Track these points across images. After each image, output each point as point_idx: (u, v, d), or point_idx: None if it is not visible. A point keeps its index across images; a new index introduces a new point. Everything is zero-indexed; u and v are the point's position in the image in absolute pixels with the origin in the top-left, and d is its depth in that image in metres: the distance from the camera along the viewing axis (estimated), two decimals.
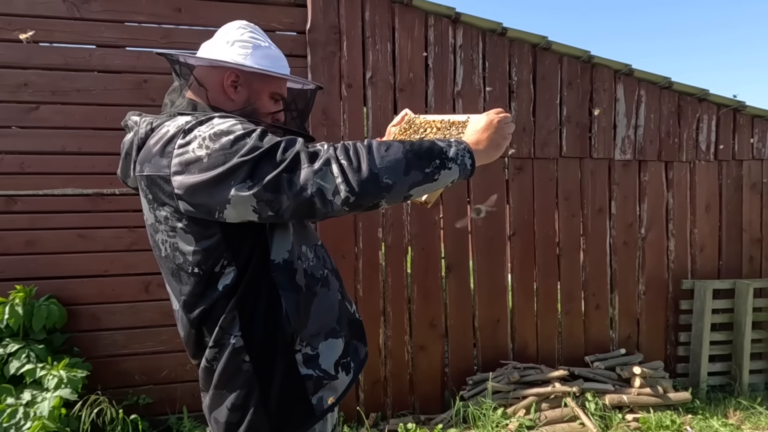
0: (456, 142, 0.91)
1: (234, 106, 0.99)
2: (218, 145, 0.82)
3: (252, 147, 0.81)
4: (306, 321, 0.96)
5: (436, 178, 0.87)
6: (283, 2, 2.55)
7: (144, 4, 2.43)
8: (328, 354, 0.98)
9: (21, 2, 2.31)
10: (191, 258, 0.90)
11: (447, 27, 2.72)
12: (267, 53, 1.01)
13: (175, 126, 0.89)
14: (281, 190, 0.80)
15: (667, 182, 3.08)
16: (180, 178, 0.85)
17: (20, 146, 2.34)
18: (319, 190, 0.80)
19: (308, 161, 0.81)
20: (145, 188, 0.93)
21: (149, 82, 2.44)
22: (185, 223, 0.89)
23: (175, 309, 1.00)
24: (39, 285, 2.31)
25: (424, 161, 0.86)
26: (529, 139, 2.86)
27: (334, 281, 1.06)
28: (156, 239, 0.96)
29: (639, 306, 3.08)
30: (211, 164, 0.82)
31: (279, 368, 0.93)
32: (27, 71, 2.34)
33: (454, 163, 0.88)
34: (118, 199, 2.43)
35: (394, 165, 0.83)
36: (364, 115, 2.68)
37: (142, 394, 2.45)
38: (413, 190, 0.86)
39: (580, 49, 2.86)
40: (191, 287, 0.92)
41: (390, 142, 0.86)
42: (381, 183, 0.82)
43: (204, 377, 0.97)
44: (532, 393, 2.61)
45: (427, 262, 2.76)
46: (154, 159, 0.89)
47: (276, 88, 1.04)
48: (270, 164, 0.81)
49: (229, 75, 0.99)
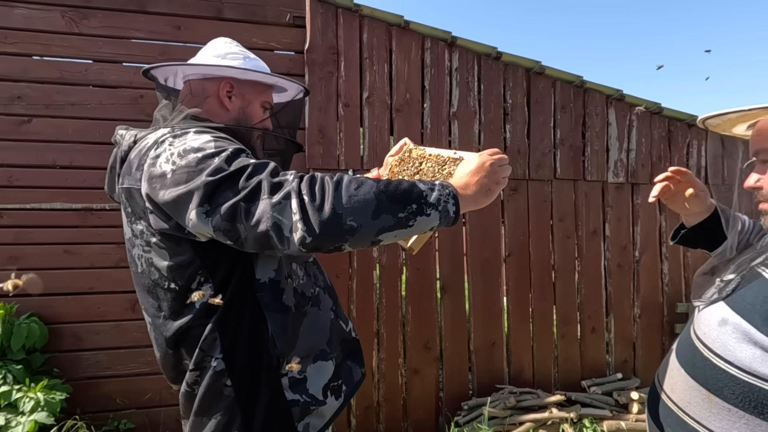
0: (441, 185, 0.82)
1: (229, 116, 0.99)
2: (184, 162, 0.79)
3: (216, 168, 0.77)
4: (294, 343, 0.91)
5: (411, 224, 0.78)
6: (282, 22, 2.59)
7: (143, 21, 2.45)
8: (316, 378, 0.94)
9: (19, 16, 2.31)
10: (166, 274, 0.87)
11: (443, 50, 2.77)
12: (256, 64, 1.03)
13: (153, 138, 0.88)
14: (238, 220, 0.75)
15: (660, 205, 3.11)
16: (146, 192, 0.83)
17: (9, 159, 2.30)
18: (275, 225, 0.73)
19: (269, 192, 0.74)
20: (125, 201, 0.90)
21: (145, 97, 2.43)
22: (158, 237, 0.86)
23: (149, 329, 0.95)
24: (20, 302, 2.22)
25: (398, 205, 0.77)
26: (523, 160, 2.88)
27: (327, 299, 1.02)
28: (133, 254, 0.93)
29: (635, 330, 3.06)
30: (174, 181, 0.79)
31: (263, 393, 0.88)
32: (21, 84, 2.32)
33: (434, 209, 0.79)
34: (108, 214, 2.38)
35: (362, 206, 0.75)
36: (360, 135, 2.69)
37: (124, 418, 2.34)
38: (383, 236, 0.78)
39: (573, 74, 2.93)
40: (168, 303, 0.88)
41: (363, 179, 0.79)
42: (344, 225, 0.74)
43: (184, 403, 0.92)
44: (529, 419, 2.54)
45: (422, 282, 2.73)
46: (132, 171, 0.87)
47: (266, 97, 1.06)
48: (231, 190, 0.75)
49: (224, 85, 0.99)
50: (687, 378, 0.75)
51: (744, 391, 0.64)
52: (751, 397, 0.63)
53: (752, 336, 0.64)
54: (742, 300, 0.68)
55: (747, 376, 0.64)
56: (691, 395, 0.73)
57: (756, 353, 0.63)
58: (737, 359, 0.65)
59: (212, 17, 2.51)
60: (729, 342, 0.67)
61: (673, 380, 0.78)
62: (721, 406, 0.67)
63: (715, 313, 0.71)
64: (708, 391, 0.69)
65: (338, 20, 2.61)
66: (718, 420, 0.67)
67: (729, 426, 0.65)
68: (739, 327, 0.66)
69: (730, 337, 0.67)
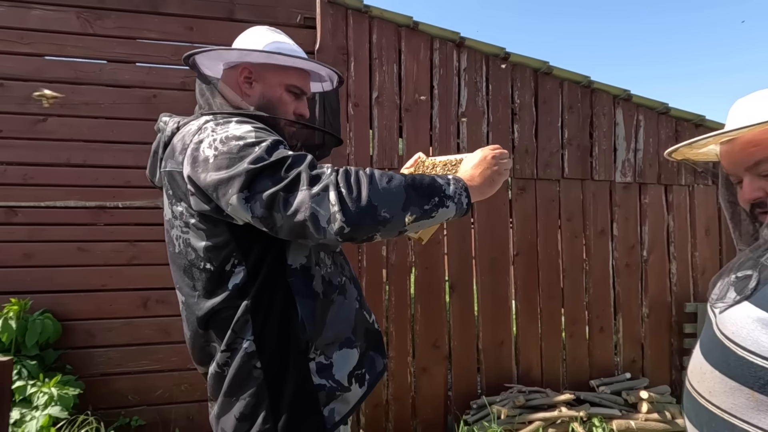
0: (454, 179, 0.89)
1: (251, 102, 1.00)
2: (226, 148, 0.82)
3: (257, 157, 0.80)
4: (321, 329, 0.93)
5: (434, 215, 0.85)
6: (293, 24, 2.62)
7: (156, 22, 2.48)
8: (342, 364, 0.95)
9: (35, 17, 2.35)
10: (203, 254, 0.90)
11: (452, 51, 2.80)
12: (280, 47, 1.00)
13: (196, 124, 0.91)
14: (276, 209, 0.78)
15: (667, 205, 3.12)
16: (188, 174, 0.86)
17: (25, 157, 2.33)
18: (312, 215, 0.77)
19: (308, 183, 0.78)
20: (167, 184, 0.94)
21: (158, 97, 2.46)
22: (197, 219, 0.89)
23: (182, 308, 0.98)
24: (34, 299, 2.24)
25: (424, 198, 0.84)
26: (531, 160, 2.90)
27: (353, 289, 1.03)
28: (171, 235, 0.96)
29: (643, 329, 3.05)
30: (216, 166, 0.82)
31: (292, 376, 0.90)
32: (36, 84, 2.34)
33: (452, 201, 0.86)
34: (121, 212, 2.41)
35: (394, 199, 0.81)
36: (369, 134, 2.71)
37: (135, 415, 2.35)
38: (411, 226, 0.84)
39: (580, 75, 2.95)
40: (203, 283, 0.91)
41: (392, 173, 0.84)
42: (378, 216, 0.79)
43: (214, 384, 0.94)
44: (539, 417, 2.54)
45: (431, 281, 2.74)
46: (175, 155, 0.91)
47: (292, 80, 1.02)
48: (270, 179, 0.79)
49: (242, 71, 1.00)
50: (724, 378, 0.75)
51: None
52: None
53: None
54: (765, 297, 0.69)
55: None
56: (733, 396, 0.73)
57: None
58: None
59: (224, 18, 2.55)
60: (761, 337, 0.68)
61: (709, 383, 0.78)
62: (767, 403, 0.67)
63: (740, 311, 0.72)
64: (751, 390, 0.70)
65: (348, 21, 2.64)
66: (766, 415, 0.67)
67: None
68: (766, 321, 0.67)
69: (761, 332, 0.68)
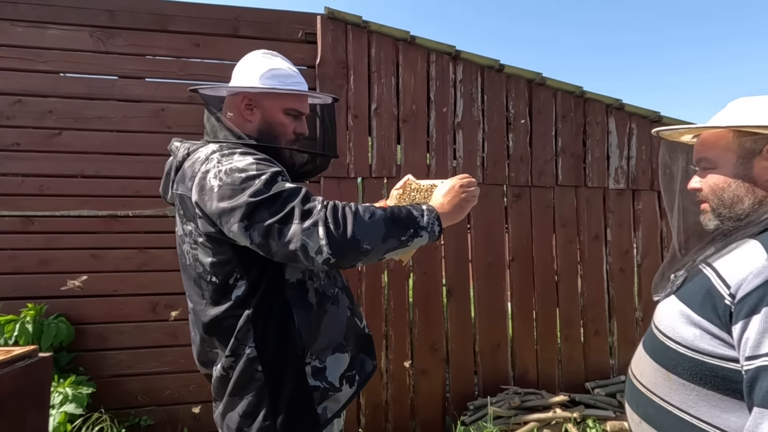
0: (428, 210, 1.00)
1: (252, 126, 1.10)
2: (230, 180, 0.92)
3: (256, 190, 0.89)
4: (316, 336, 1.03)
5: (409, 244, 0.97)
6: (295, 39, 2.73)
7: (165, 39, 2.61)
8: (334, 367, 1.05)
9: (52, 36, 2.48)
10: (209, 269, 1.00)
11: (448, 63, 2.90)
12: (275, 73, 1.09)
13: (204, 153, 1.01)
14: (271, 237, 0.88)
15: (660, 211, 3.19)
16: (196, 200, 0.96)
17: (41, 169, 2.45)
18: (303, 246, 0.87)
19: (300, 218, 0.88)
20: (178, 204, 1.04)
21: (166, 110, 2.58)
22: (204, 238, 0.99)
23: (191, 314, 1.09)
24: (49, 303, 2.36)
25: (401, 230, 0.95)
26: (526, 168, 2.99)
27: (344, 299, 1.13)
28: (183, 249, 1.06)
29: (637, 332, 3.12)
30: (220, 196, 0.91)
31: (289, 379, 0.99)
32: (52, 99, 2.48)
33: (426, 231, 0.98)
34: (131, 220, 2.52)
35: (375, 232, 0.91)
36: (369, 144, 2.81)
37: (144, 415, 2.45)
38: (387, 255, 0.95)
39: (573, 85, 3.04)
40: (209, 293, 1.01)
41: (373, 209, 0.95)
42: (361, 248, 0.90)
43: (219, 386, 1.03)
44: (534, 418, 2.61)
45: (429, 286, 2.83)
46: (185, 181, 1.01)
47: (288, 104, 1.11)
48: (267, 211, 0.88)
49: (242, 99, 1.09)
50: (651, 362, 0.85)
51: (691, 366, 0.75)
52: (697, 370, 0.74)
53: (692, 318, 0.75)
54: (686, 291, 0.80)
55: (692, 353, 0.75)
56: (655, 376, 0.83)
57: (696, 332, 0.74)
58: (683, 339, 0.76)
59: (229, 35, 2.67)
60: (677, 326, 0.78)
61: (642, 366, 0.89)
62: (678, 382, 0.77)
63: (668, 303, 0.83)
64: (667, 371, 0.80)
65: (348, 36, 2.76)
66: (677, 395, 0.77)
67: (685, 399, 0.76)
68: (684, 312, 0.77)
69: (678, 321, 0.78)
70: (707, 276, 0.76)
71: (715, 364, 0.72)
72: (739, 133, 0.82)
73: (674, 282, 0.84)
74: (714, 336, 0.72)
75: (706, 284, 0.75)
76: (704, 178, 0.87)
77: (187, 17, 2.62)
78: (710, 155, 0.85)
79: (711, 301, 0.73)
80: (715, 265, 0.77)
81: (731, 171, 0.82)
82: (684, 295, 0.80)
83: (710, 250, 0.81)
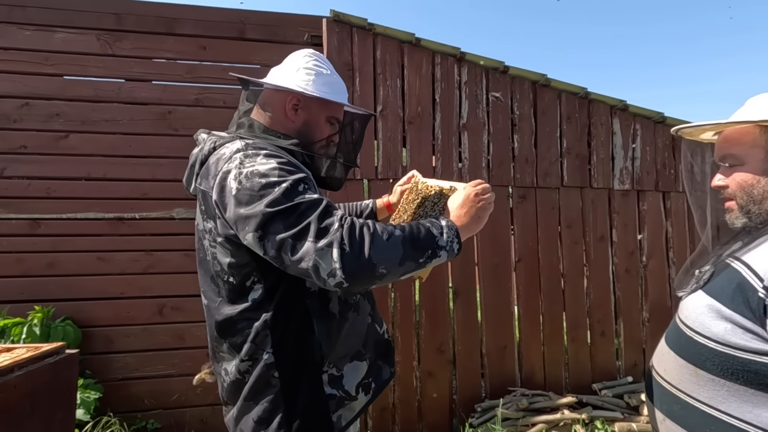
0: (447, 227, 0.95)
1: (293, 127, 1.08)
2: (249, 184, 0.89)
3: (274, 200, 0.86)
4: (335, 345, 1.01)
5: (427, 266, 0.93)
6: (300, 41, 2.74)
7: (171, 43, 2.62)
8: (351, 376, 1.04)
9: (59, 39, 2.49)
10: (226, 269, 0.98)
11: (453, 65, 2.91)
12: (328, 80, 1.09)
13: (229, 150, 0.98)
14: (284, 251, 0.85)
15: (665, 211, 3.19)
16: (216, 201, 0.94)
17: (48, 172, 2.46)
18: (315, 266, 0.83)
19: (315, 236, 0.84)
20: (201, 200, 1.03)
21: (173, 113, 2.59)
22: (223, 238, 0.97)
23: (205, 311, 1.07)
24: (57, 306, 2.36)
25: (419, 252, 0.90)
26: (531, 169, 2.99)
27: (366, 305, 1.11)
28: (203, 244, 1.04)
29: (644, 333, 3.11)
30: (238, 200, 0.89)
31: (305, 386, 0.98)
32: (59, 102, 2.49)
33: (444, 250, 0.93)
34: (138, 223, 2.52)
35: (392, 256, 0.87)
36: (374, 146, 2.82)
37: (151, 418, 2.45)
38: (403, 277, 0.91)
39: (578, 86, 3.05)
40: (226, 292, 1.00)
41: (392, 229, 0.90)
42: (376, 273, 0.85)
43: (233, 390, 1.01)
44: (542, 420, 2.60)
45: (435, 288, 2.82)
46: (209, 177, 0.98)
47: (333, 112, 1.11)
48: (283, 224, 0.85)
49: (291, 99, 1.08)
50: (676, 358, 0.84)
51: (722, 360, 0.74)
52: (727, 365, 0.73)
53: (723, 312, 0.74)
54: (714, 286, 0.79)
55: (722, 347, 0.74)
56: (681, 372, 0.82)
57: (727, 327, 0.74)
58: (713, 333, 0.75)
59: (235, 37, 2.68)
60: (705, 320, 0.77)
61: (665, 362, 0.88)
62: (706, 378, 0.77)
63: (694, 299, 0.82)
64: (695, 366, 0.79)
65: (353, 38, 2.77)
66: (706, 390, 0.77)
67: (714, 394, 0.75)
68: (713, 307, 0.77)
69: (706, 316, 0.77)
70: (737, 270, 0.76)
71: (747, 358, 0.72)
72: (766, 129, 0.81)
73: (700, 277, 0.83)
74: (746, 330, 0.72)
75: (736, 278, 0.75)
76: (730, 176, 0.86)
77: (194, 20, 2.63)
78: (736, 151, 0.85)
79: (743, 294, 0.73)
80: (744, 258, 0.76)
81: (760, 167, 0.81)
82: (712, 289, 0.79)
83: (737, 245, 0.80)
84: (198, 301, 2.52)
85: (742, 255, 0.78)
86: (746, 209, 0.83)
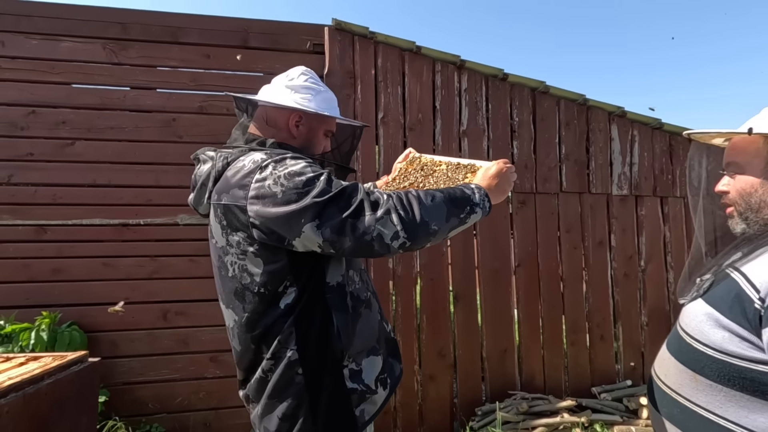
0: (477, 188, 1.06)
1: (296, 142, 1.14)
2: (292, 184, 0.93)
3: (322, 190, 0.93)
4: (353, 339, 1.04)
5: (467, 221, 1.03)
6: (303, 50, 2.78)
7: (176, 51, 2.65)
8: (369, 370, 1.07)
9: (65, 48, 2.52)
10: (258, 279, 0.99)
11: (453, 72, 2.95)
12: (325, 97, 1.17)
13: (251, 161, 1.00)
14: (345, 233, 0.91)
15: (663, 216, 3.23)
16: (256, 209, 0.95)
17: (54, 179, 2.49)
18: (378, 235, 0.91)
19: (371, 209, 0.93)
20: (221, 215, 1.02)
21: (177, 120, 2.62)
22: (256, 248, 0.99)
23: (230, 327, 1.07)
24: (63, 311, 2.38)
25: (460, 208, 1.01)
26: (531, 175, 3.03)
27: (375, 303, 1.15)
28: (225, 260, 1.04)
29: (643, 337, 3.15)
30: (285, 200, 0.92)
31: (328, 382, 1.01)
32: (65, 110, 2.52)
33: (479, 207, 1.04)
34: (143, 229, 2.55)
35: (439, 213, 0.97)
36: (376, 152, 2.85)
37: (155, 422, 2.47)
38: (451, 233, 1.01)
39: (576, 93, 3.09)
40: (254, 305, 1.01)
41: (433, 192, 1.01)
42: (430, 229, 0.96)
43: (257, 388, 1.03)
44: (542, 423, 2.63)
45: (436, 292, 2.85)
46: (232, 190, 0.99)
47: (329, 126, 1.20)
48: (337, 208, 0.92)
49: (294, 116, 1.13)
50: (677, 363, 0.87)
51: (719, 367, 0.77)
52: (725, 372, 0.76)
53: (721, 321, 0.77)
54: (714, 295, 0.82)
55: (720, 355, 0.77)
56: (681, 378, 0.85)
57: (725, 335, 0.77)
58: (711, 341, 0.78)
59: (239, 46, 2.71)
60: (704, 328, 0.80)
61: (666, 368, 0.91)
62: (705, 384, 0.79)
63: (695, 307, 0.85)
64: (694, 372, 0.82)
65: (355, 47, 2.81)
66: (704, 395, 0.79)
67: (712, 399, 0.78)
68: (712, 316, 0.79)
69: (705, 324, 0.80)
70: (736, 280, 0.79)
71: (743, 366, 0.74)
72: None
73: (700, 286, 0.86)
74: (743, 339, 0.74)
75: (734, 288, 0.78)
76: (732, 182, 0.89)
77: (198, 29, 2.67)
78: (739, 160, 0.87)
79: (740, 305, 0.75)
80: (743, 269, 0.79)
81: (758, 176, 0.84)
82: (712, 298, 0.82)
83: (737, 255, 0.83)
84: (201, 306, 2.55)
85: (741, 265, 0.80)
86: (744, 216, 0.86)
